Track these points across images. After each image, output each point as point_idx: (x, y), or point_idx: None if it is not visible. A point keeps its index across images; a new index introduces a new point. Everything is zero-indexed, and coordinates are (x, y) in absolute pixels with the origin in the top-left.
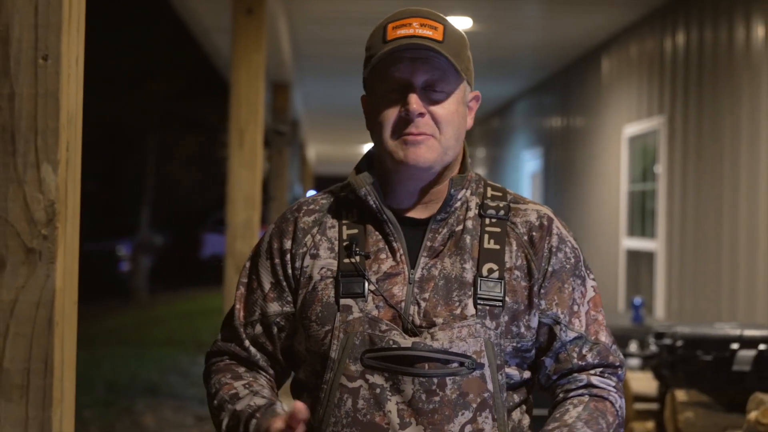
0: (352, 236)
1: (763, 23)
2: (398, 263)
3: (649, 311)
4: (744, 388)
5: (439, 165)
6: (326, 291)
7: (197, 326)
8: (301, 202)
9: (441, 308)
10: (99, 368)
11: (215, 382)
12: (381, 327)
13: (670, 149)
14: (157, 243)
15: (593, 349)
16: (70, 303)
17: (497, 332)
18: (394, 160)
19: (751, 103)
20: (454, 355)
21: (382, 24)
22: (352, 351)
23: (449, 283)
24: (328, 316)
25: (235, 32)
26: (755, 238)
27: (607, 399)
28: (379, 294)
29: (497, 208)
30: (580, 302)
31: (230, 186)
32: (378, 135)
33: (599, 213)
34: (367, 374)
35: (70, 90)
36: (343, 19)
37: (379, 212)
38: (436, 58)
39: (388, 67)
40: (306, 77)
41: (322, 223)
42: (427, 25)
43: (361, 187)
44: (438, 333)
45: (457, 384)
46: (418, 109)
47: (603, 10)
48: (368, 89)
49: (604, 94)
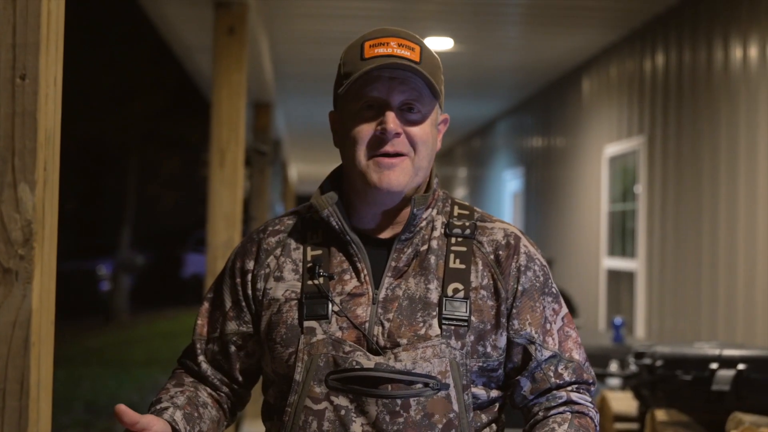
0: (315, 257)
1: (740, 45)
2: (362, 284)
3: (630, 331)
4: (723, 408)
5: (409, 188)
6: (290, 313)
7: (178, 346)
8: (268, 223)
9: (405, 329)
10: (78, 388)
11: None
12: (345, 348)
13: (650, 169)
14: (138, 262)
15: (568, 367)
16: (47, 323)
17: (462, 352)
18: (366, 182)
19: (730, 124)
20: (418, 376)
21: (358, 42)
22: (317, 373)
23: (413, 304)
24: (292, 338)
25: (216, 52)
26: (734, 257)
27: (587, 415)
28: (343, 315)
29: (463, 227)
30: (552, 320)
31: (211, 205)
32: (350, 153)
33: (580, 232)
34: (332, 396)
35: (48, 109)
36: (324, 39)
37: (342, 233)
38: (413, 79)
39: (364, 85)
40: (288, 97)
41: (285, 245)
42: (404, 46)
43: (323, 208)
44: (401, 354)
45: (422, 405)
46: (395, 129)
47: (583, 31)
48: (340, 105)
49: (584, 114)
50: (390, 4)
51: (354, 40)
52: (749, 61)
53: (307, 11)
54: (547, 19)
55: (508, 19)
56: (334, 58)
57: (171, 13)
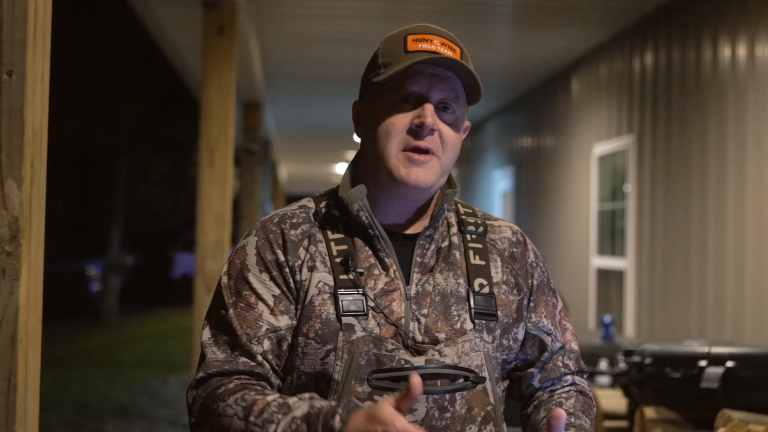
0: (343, 252)
1: (729, 44)
2: (393, 279)
3: (619, 329)
4: (712, 405)
5: (435, 187)
6: (324, 307)
7: (168, 347)
8: (279, 215)
9: (441, 324)
10: (68, 389)
11: (235, 401)
12: (387, 346)
13: (639, 168)
14: (127, 263)
15: (571, 357)
16: (34, 320)
17: (493, 345)
18: (393, 177)
19: (719, 122)
20: (463, 370)
21: (400, 34)
22: (358, 372)
23: (446, 299)
24: (330, 335)
25: (205, 51)
26: (723, 255)
27: (588, 395)
28: (379, 311)
29: (476, 224)
30: (555, 313)
31: (200, 205)
32: (379, 144)
33: (570, 232)
34: (376, 395)
35: (35, 106)
36: (314, 38)
37: (371, 228)
38: (453, 80)
39: (404, 78)
40: (278, 97)
41: (311, 236)
42: (446, 45)
43: (353, 202)
44: (445, 349)
45: (465, 399)
46: (433, 123)
47: (572, 31)
48: (370, 96)
49: (574, 113)
50: (379, 4)
51: (393, 33)
52: (738, 60)
53: (297, 11)
54: (537, 19)
55: (498, 19)
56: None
57: (160, 12)
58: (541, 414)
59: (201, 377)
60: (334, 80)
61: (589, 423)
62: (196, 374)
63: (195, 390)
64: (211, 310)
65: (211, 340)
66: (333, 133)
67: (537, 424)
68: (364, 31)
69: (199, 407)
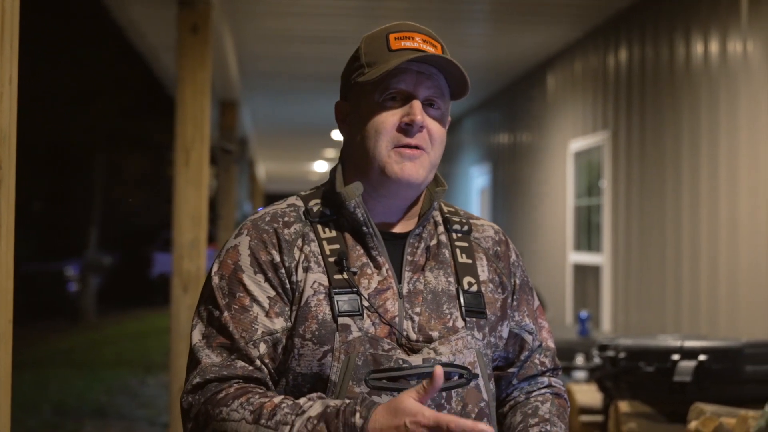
0: (336, 251)
1: (701, 40)
2: (386, 278)
3: (596, 325)
4: (685, 399)
5: (425, 184)
6: (320, 308)
7: (147, 347)
8: (270, 214)
9: (434, 322)
10: (46, 390)
11: (240, 405)
12: (383, 346)
13: (615, 164)
14: (105, 263)
15: (547, 355)
16: (5, 321)
17: (483, 342)
18: (386, 173)
19: (692, 118)
20: (458, 368)
21: (381, 33)
22: (355, 373)
23: (437, 297)
24: (326, 335)
25: (180, 50)
26: (698, 250)
27: (563, 397)
28: (374, 310)
29: (460, 223)
30: (533, 312)
31: (176, 204)
32: (369, 143)
33: (546, 227)
34: (374, 395)
35: (3, 108)
36: (289, 36)
37: (366, 225)
38: (437, 76)
39: (390, 76)
40: (254, 95)
41: (305, 235)
42: (428, 42)
43: (351, 198)
44: (440, 347)
45: (460, 396)
46: (423, 121)
47: (547, 27)
48: (355, 96)
49: (549, 110)
50: (356, 2)
51: (373, 32)
52: (710, 56)
53: (272, 9)
54: (512, 16)
55: (473, 16)
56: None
57: (135, 12)
58: (518, 418)
59: (198, 383)
60: (310, 78)
61: (564, 428)
62: (192, 379)
63: (191, 395)
64: (200, 311)
65: (203, 343)
66: (310, 131)
67: (513, 428)
68: (340, 29)
69: (197, 413)
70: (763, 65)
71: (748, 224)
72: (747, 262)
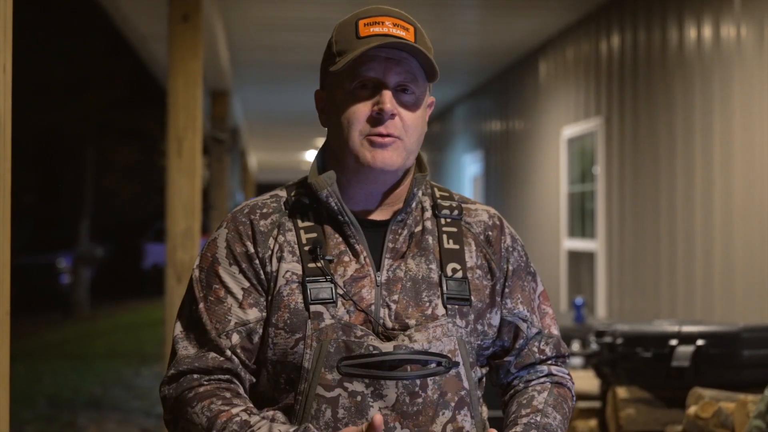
0: (312, 239)
1: (694, 25)
2: (363, 266)
3: (591, 311)
4: (683, 384)
5: (402, 169)
6: (293, 297)
7: (140, 338)
8: (250, 206)
9: (412, 309)
10: (40, 383)
11: (201, 409)
12: (356, 333)
13: (608, 150)
14: (97, 255)
15: (549, 342)
16: (2, 313)
17: (467, 330)
18: (359, 162)
19: (685, 103)
20: (433, 356)
21: (351, 20)
22: (327, 359)
23: (417, 284)
24: (298, 324)
25: (171, 40)
26: (692, 235)
27: (565, 385)
28: (349, 298)
29: (450, 208)
30: (533, 298)
31: (169, 195)
32: (342, 132)
33: (540, 214)
34: (346, 382)
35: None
36: (281, 25)
37: (341, 214)
38: (409, 60)
39: (359, 64)
40: (245, 84)
41: (281, 225)
42: (399, 26)
43: (322, 188)
44: (415, 334)
45: (437, 384)
46: (392, 109)
47: (539, 13)
48: (329, 84)
49: (542, 96)
50: None
51: (345, 18)
52: (703, 41)
53: None
54: (503, 2)
55: (465, 2)
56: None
57: (124, 1)
58: (513, 407)
59: (172, 374)
60: (301, 67)
61: (560, 419)
62: (168, 370)
63: (167, 387)
64: (183, 304)
65: (182, 335)
66: (302, 120)
67: (508, 417)
68: (331, 17)
69: (171, 406)
70: (756, 50)
71: (742, 208)
72: (742, 246)
